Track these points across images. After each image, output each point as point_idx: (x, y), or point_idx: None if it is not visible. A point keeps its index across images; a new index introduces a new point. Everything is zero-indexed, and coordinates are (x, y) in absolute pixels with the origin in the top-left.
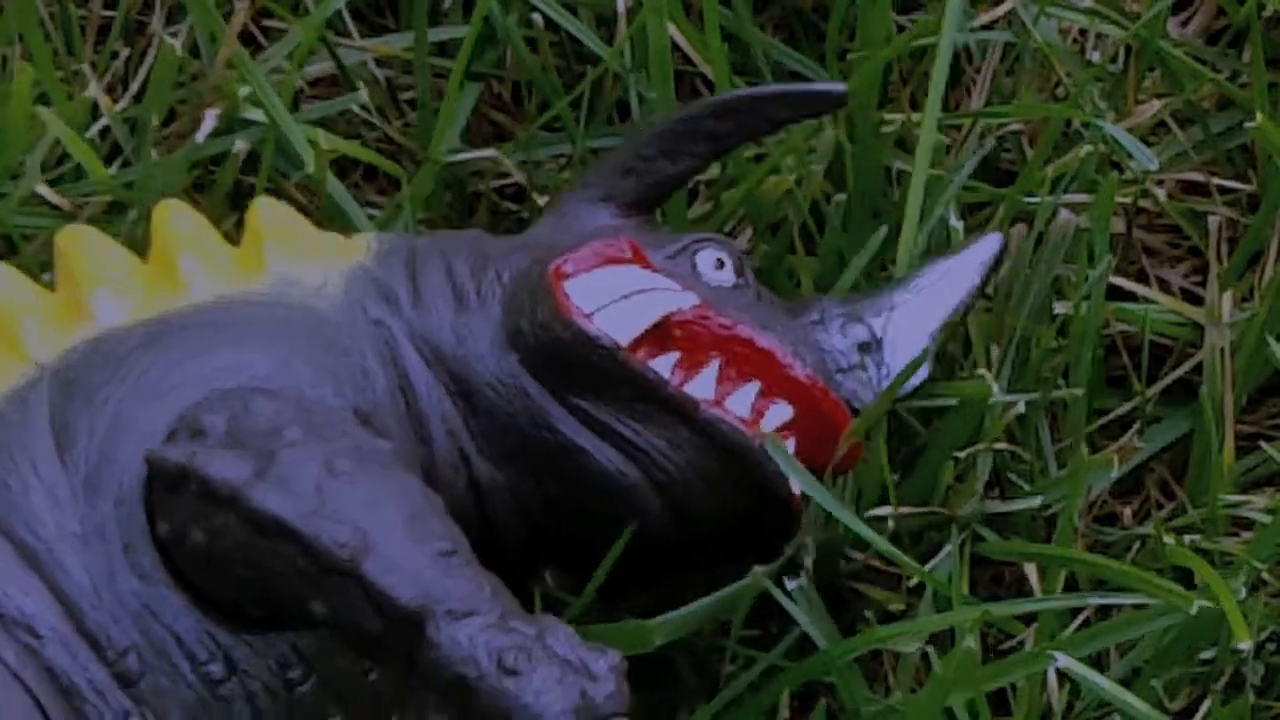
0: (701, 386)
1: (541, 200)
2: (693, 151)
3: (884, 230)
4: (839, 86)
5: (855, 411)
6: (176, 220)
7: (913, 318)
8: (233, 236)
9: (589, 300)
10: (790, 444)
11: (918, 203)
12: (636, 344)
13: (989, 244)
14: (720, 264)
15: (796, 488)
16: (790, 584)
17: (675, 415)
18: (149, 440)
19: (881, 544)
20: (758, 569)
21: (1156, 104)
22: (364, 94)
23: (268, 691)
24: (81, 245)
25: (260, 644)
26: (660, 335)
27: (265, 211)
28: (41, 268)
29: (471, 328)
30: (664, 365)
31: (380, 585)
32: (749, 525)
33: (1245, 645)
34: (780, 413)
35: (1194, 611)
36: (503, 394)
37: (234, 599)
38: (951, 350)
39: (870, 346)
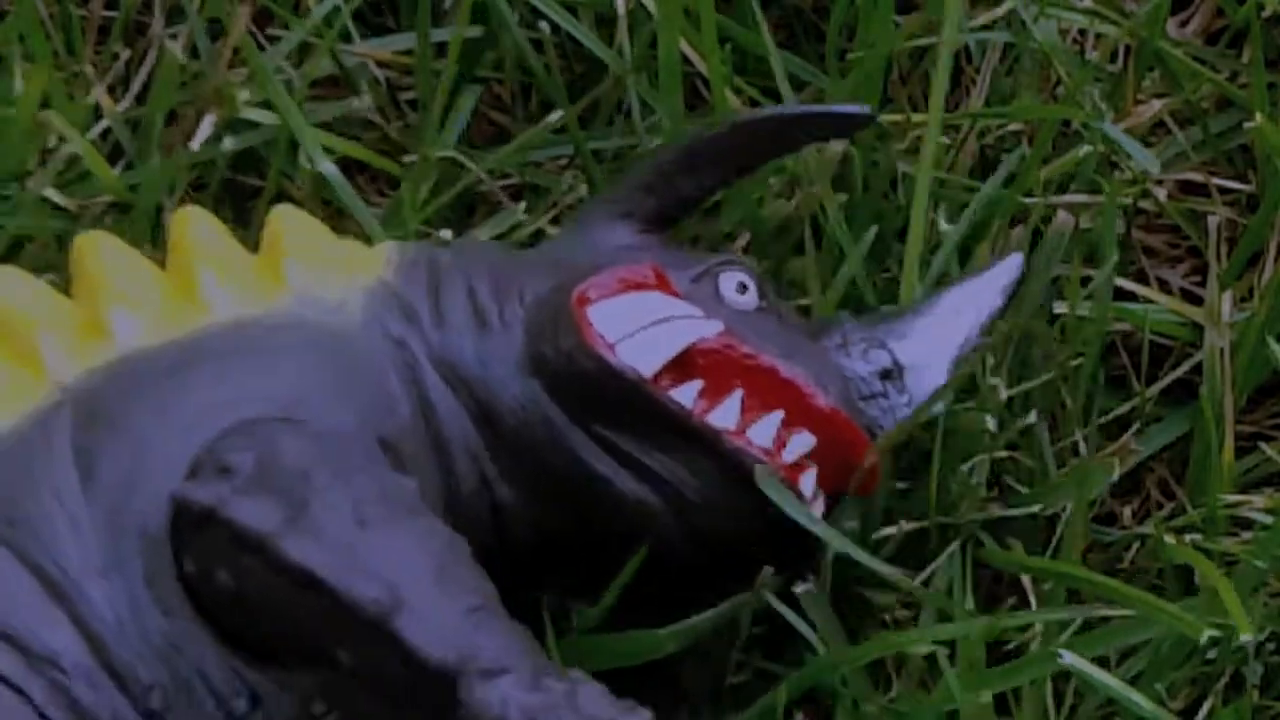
0: (724, 416)
1: (539, 200)
2: (715, 171)
3: (874, 230)
4: (864, 108)
5: (876, 439)
6: (195, 228)
7: (934, 343)
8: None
9: (613, 329)
10: (812, 473)
11: (923, 207)
12: (659, 373)
13: (1009, 266)
14: (743, 288)
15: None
16: (800, 588)
17: (698, 446)
18: (173, 471)
19: (884, 570)
20: (766, 580)
21: (1156, 104)
22: (368, 99)
23: None
24: (99, 254)
25: (284, 678)
26: (683, 363)
27: (285, 222)
28: (43, 269)
29: (494, 351)
30: (687, 394)
31: (412, 642)
32: (769, 551)
33: (1248, 638)
34: (802, 443)
35: (1203, 640)
36: (524, 419)
37: (259, 637)
38: None
39: (892, 373)
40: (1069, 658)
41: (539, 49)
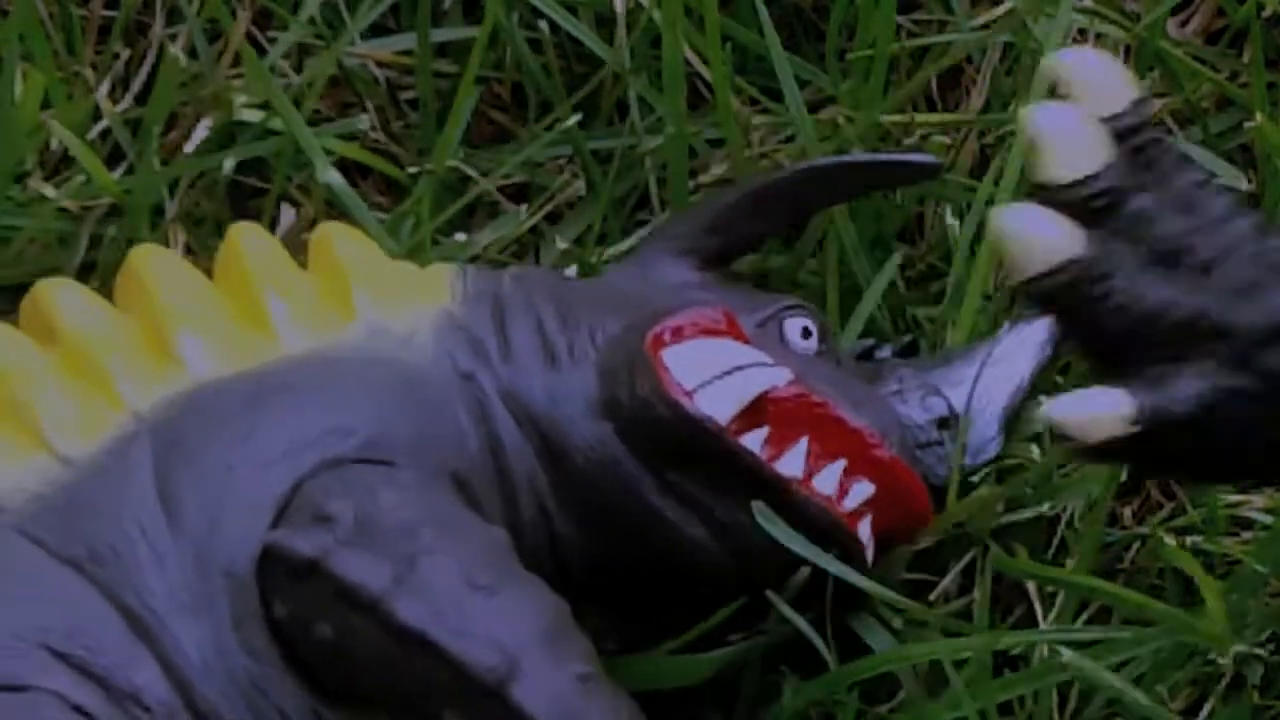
0: (791, 464)
1: (540, 200)
2: (781, 214)
3: (898, 256)
4: (933, 159)
5: (931, 487)
6: (251, 247)
7: (988, 391)
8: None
9: (689, 375)
10: (868, 520)
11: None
12: (731, 420)
13: None
14: (806, 333)
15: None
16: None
17: (767, 495)
18: (259, 510)
19: (911, 607)
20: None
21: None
22: (370, 117)
23: None
24: (158, 271)
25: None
26: (751, 410)
27: (343, 245)
28: (44, 271)
29: (564, 389)
30: (754, 441)
31: (527, 709)
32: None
33: (1240, 648)
34: (862, 491)
35: (1227, 660)
36: (594, 460)
37: (354, 687)
38: None
39: (949, 422)
40: (1069, 655)
41: (539, 49)
